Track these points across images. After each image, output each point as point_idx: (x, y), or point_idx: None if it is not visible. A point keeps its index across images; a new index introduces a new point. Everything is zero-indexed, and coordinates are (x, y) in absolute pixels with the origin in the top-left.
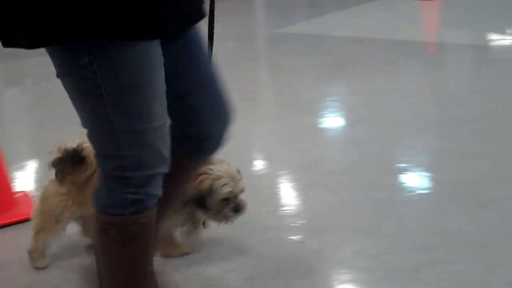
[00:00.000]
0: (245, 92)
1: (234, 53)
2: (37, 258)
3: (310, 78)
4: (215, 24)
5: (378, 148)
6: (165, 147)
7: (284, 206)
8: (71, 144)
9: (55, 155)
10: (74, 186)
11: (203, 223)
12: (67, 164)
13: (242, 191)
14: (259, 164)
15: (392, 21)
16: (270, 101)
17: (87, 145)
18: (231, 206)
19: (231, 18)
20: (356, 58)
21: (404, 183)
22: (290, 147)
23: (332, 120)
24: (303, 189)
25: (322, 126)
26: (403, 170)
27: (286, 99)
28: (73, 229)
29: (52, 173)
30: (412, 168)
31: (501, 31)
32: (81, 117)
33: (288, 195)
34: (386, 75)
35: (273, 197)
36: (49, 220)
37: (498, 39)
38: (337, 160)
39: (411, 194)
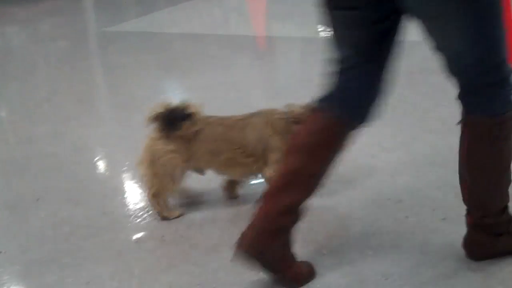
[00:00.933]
0: (77, 93)
1: (65, 54)
2: (167, 213)
3: (143, 76)
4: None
5: None
6: None
7: (120, 206)
8: (174, 102)
9: (157, 110)
10: (182, 141)
11: None
12: (172, 119)
13: None
14: (94, 166)
15: (222, 16)
16: (103, 102)
17: (191, 103)
18: None
19: (59, 17)
20: (188, 54)
21: None
22: (125, 147)
23: None
24: (138, 189)
25: None
26: None
27: (120, 98)
28: None
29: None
30: None
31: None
32: (466, 49)
33: (125, 196)
34: (217, 70)
35: (110, 198)
36: (166, 181)
37: (322, 31)
38: None
39: (248, 185)
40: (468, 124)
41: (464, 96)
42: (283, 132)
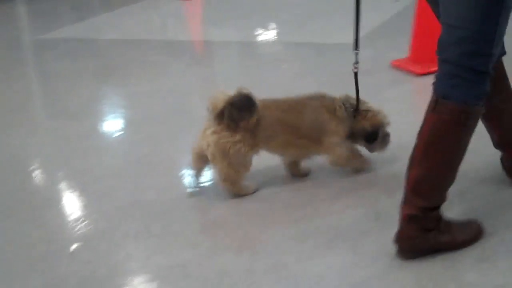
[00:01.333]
0: (11, 103)
1: None
2: (245, 191)
3: (79, 83)
4: None
5: (146, 150)
6: None
7: (55, 217)
8: (231, 92)
9: (219, 106)
10: (246, 131)
11: None
12: (237, 111)
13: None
14: (27, 177)
15: (159, 21)
16: (38, 111)
17: (248, 92)
18: (388, 134)
19: None
20: (125, 60)
21: (172, 183)
22: (59, 156)
23: (102, 125)
24: (73, 199)
25: (93, 131)
26: (172, 170)
27: (55, 107)
28: None
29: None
30: (179, 167)
31: (262, 27)
32: (467, 19)
33: (59, 206)
34: (154, 76)
35: (44, 209)
36: (239, 169)
37: (259, 35)
38: (106, 165)
39: (178, 193)
40: (437, 109)
41: (443, 80)
42: (342, 118)
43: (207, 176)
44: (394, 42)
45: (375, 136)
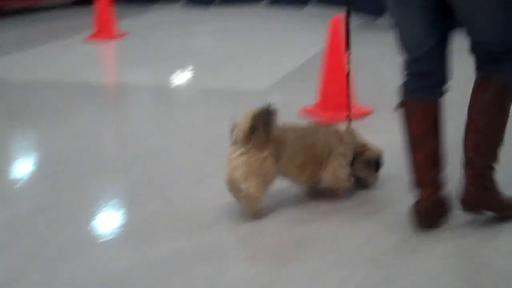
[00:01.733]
0: None
1: None
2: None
3: None
4: None
5: (50, 198)
6: None
7: None
8: (252, 109)
9: (248, 123)
10: (273, 145)
11: None
12: (264, 123)
13: None
14: None
15: (71, 63)
16: None
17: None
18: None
19: None
20: (35, 103)
21: (75, 234)
22: None
23: (6, 171)
24: None
25: None
26: (76, 221)
27: None
28: None
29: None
30: (83, 217)
31: (175, 72)
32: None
33: None
34: (64, 118)
35: None
36: (266, 186)
37: (172, 79)
38: (8, 214)
39: (81, 245)
40: (484, 84)
41: (483, 64)
42: (348, 143)
43: (115, 224)
44: (304, 88)
45: (379, 164)
